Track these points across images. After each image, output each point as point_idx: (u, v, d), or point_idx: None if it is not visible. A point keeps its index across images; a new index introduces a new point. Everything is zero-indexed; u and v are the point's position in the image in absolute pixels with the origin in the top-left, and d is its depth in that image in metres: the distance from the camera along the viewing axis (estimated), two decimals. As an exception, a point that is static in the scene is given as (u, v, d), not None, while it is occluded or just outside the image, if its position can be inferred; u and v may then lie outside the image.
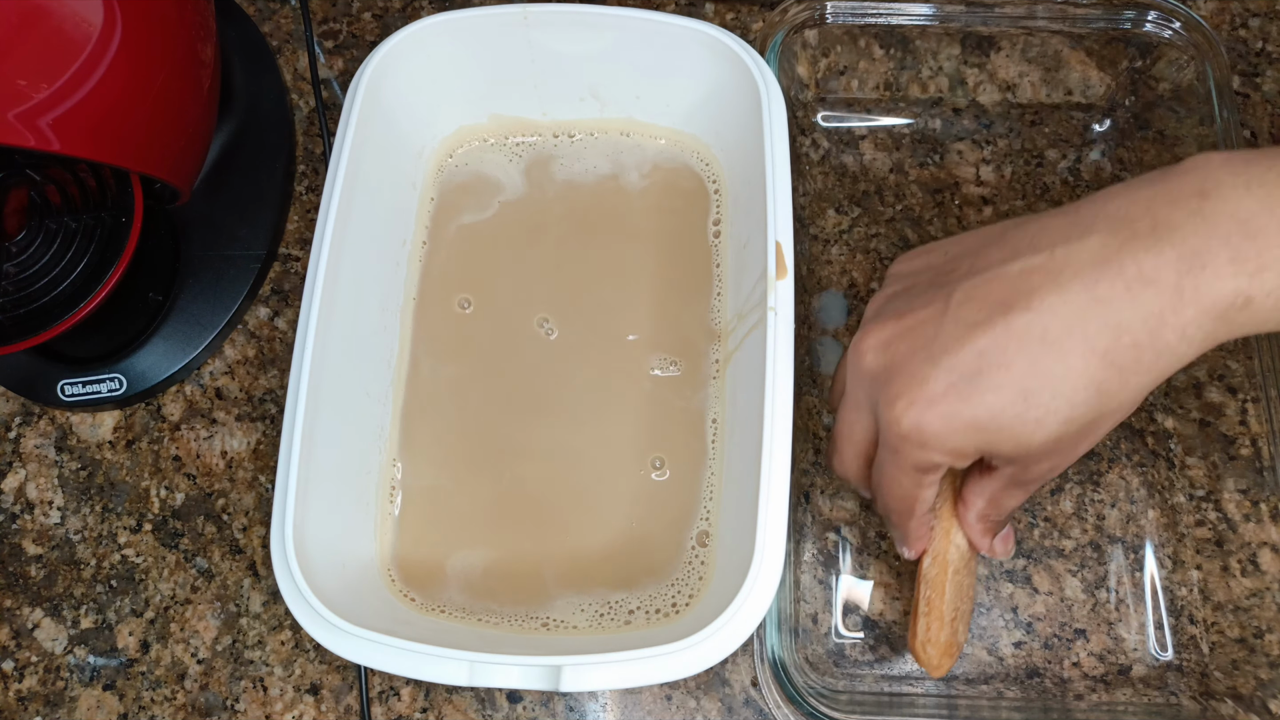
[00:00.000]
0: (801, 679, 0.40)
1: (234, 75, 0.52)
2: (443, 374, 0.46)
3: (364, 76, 0.43)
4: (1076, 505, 0.45)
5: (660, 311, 0.46)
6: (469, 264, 0.48)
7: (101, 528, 0.47)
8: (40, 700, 0.45)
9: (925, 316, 0.31)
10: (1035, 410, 0.29)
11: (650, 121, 0.49)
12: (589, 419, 0.45)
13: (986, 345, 0.29)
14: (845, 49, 0.51)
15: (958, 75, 0.52)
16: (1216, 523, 0.45)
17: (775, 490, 0.36)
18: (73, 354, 0.48)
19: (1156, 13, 0.48)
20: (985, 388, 0.29)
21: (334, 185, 0.41)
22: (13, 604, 0.46)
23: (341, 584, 0.39)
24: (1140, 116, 0.51)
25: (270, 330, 0.50)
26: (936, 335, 0.30)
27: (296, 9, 0.55)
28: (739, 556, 0.37)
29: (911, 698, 0.42)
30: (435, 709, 0.44)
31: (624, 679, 0.35)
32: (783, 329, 0.38)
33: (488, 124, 0.49)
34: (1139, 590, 0.44)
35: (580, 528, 0.43)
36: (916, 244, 0.50)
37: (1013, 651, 0.44)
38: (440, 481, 0.44)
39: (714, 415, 0.44)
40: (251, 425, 0.49)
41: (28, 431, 0.49)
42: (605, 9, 0.44)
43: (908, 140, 0.52)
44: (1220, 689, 0.42)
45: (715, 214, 0.48)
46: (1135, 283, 0.27)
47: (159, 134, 0.43)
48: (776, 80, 0.43)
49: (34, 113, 0.37)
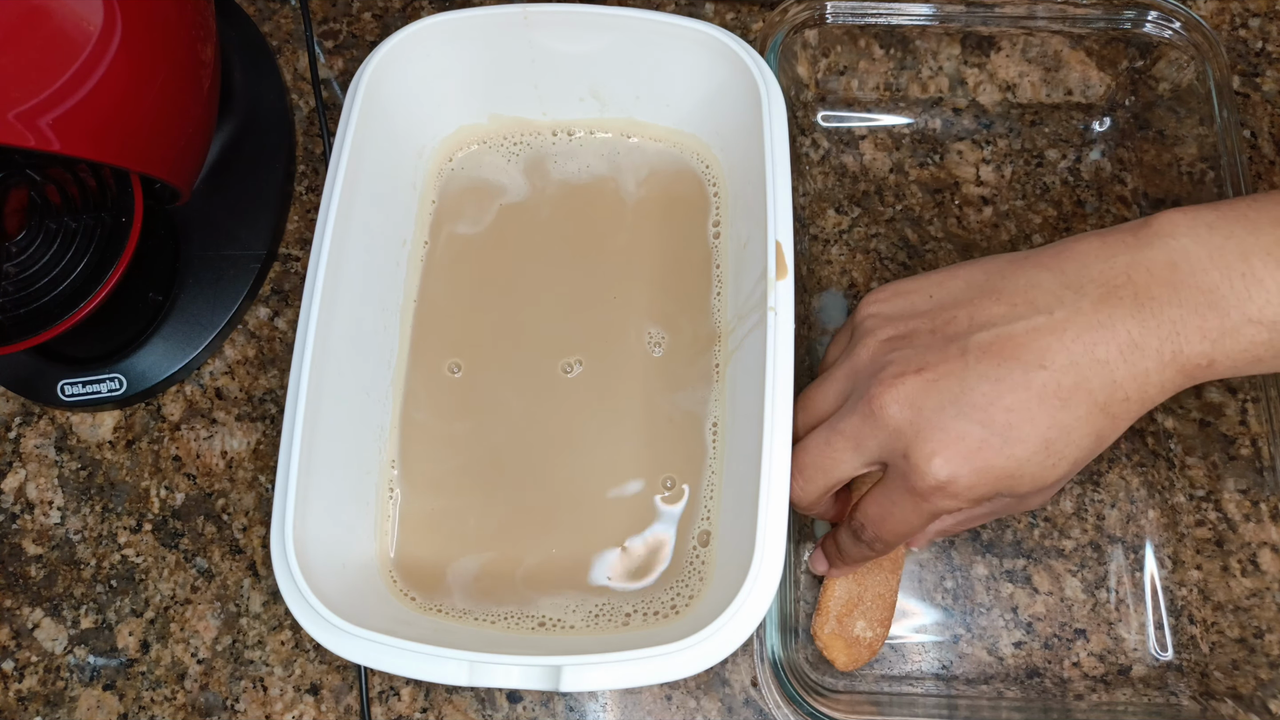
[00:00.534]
0: (801, 679, 0.40)
1: (234, 75, 0.52)
2: (443, 373, 0.46)
3: (364, 76, 0.43)
4: (1076, 505, 0.45)
5: (660, 311, 0.46)
6: (468, 264, 0.48)
7: (101, 528, 0.47)
8: (40, 700, 0.45)
9: (947, 372, 0.33)
10: (1053, 458, 0.33)
11: (650, 121, 0.49)
12: (589, 418, 0.45)
13: (1013, 402, 0.32)
14: (845, 49, 0.51)
15: (958, 75, 0.52)
16: (1216, 523, 0.45)
17: (775, 490, 0.36)
18: (73, 354, 0.48)
19: (1156, 13, 0.48)
20: (1014, 440, 0.33)
21: (334, 185, 0.41)
22: (13, 604, 0.46)
23: (341, 584, 0.39)
24: (1140, 116, 0.51)
25: (270, 330, 0.50)
26: (964, 392, 0.33)
27: (296, 9, 0.55)
28: (739, 556, 0.37)
29: (911, 698, 0.42)
30: (435, 709, 0.44)
31: (624, 679, 0.35)
32: (783, 329, 0.38)
33: (487, 124, 0.49)
34: (1139, 590, 0.44)
35: (581, 527, 0.43)
36: (916, 244, 0.50)
37: (1013, 651, 0.44)
38: (440, 482, 0.44)
39: (714, 415, 0.44)
40: (251, 425, 0.49)
41: (28, 431, 0.49)
42: (605, 9, 0.44)
43: (908, 140, 0.52)
44: (1220, 689, 0.42)
45: (715, 214, 0.48)
46: (1127, 348, 0.32)
47: (159, 134, 0.43)
48: (776, 80, 0.43)
49: (34, 113, 0.37)
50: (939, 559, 0.45)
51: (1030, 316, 0.33)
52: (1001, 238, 0.50)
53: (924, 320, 0.35)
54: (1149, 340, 0.32)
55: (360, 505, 0.42)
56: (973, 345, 0.33)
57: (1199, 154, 0.47)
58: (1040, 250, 0.35)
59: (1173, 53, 0.49)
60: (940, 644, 0.44)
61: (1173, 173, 0.49)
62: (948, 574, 0.45)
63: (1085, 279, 0.33)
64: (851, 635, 0.41)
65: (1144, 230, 0.33)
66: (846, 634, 0.41)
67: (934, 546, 0.45)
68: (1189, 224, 0.33)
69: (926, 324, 0.35)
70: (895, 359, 0.35)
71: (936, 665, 0.44)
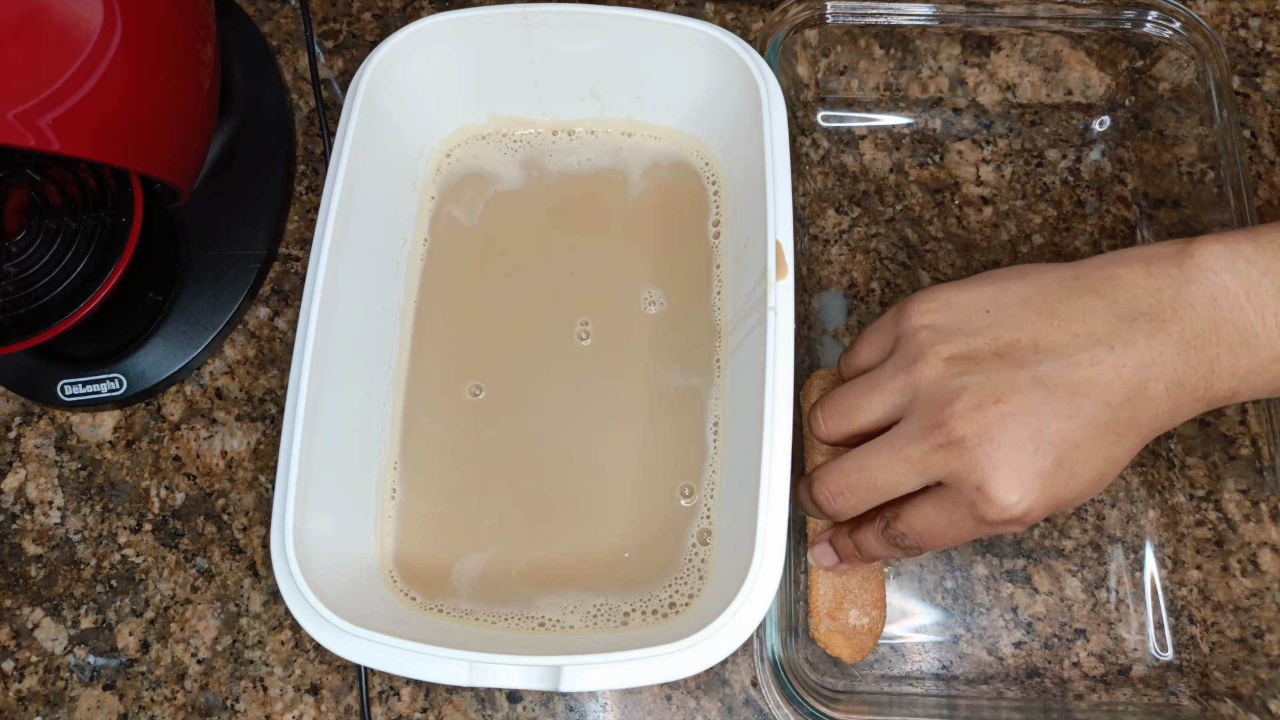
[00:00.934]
0: (801, 679, 0.40)
1: (234, 75, 0.52)
2: (443, 374, 0.46)
3: (364, 76, 0.43)
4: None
5: (660, 312, 0.46)
6: (468, 264, 0.48)
7: (101, 528, 0.47)
8: (40, 700, 0.45)
9: (1023, 404, 0.34)
10: (1100, 485, 0.35)
11: (650, 121, 0.49)
12: (589, 418, 0.45)
13: (1082, 439, 0.34)
14: (845, 49, 0.51)
15: (958, 75, 0.52)
16: (1216, 523, 0.45)
17: (775, 490, 0.36)
18: (73, 354, 0.48)
19: (1156, 13, 0.48)
20: (1079, 474, 0.34)
21: (334, 185, 0.41)
22: (13, 604, 0.46)
23: (341, 584, 0.39)
24: (1140, 116, 0.51)
25: (270, 330, 0.50)
26: (1040, 428, 0.34)
27: (296, 9, 0.55)
28: (739, 556, 0.37)
29: (911, 698, 0.42)
30: (435, 709, 0.44)
31: (624, 679, 0.35)
32: (783, 329, 0.38)
33: (487, 124, 0.49)
34: (1139, 590, 0.44)
35: (581, 527, 0.43)
36: (916, 244, 0.50)
37: (1013, 651, 0.44)
38: (441, 482, 0.44)
39: (714, 414, 0.44)
40: (251, 425, 0.49)
41: (28, 431, 0.49)
42: (605, 9, 0.44)
43: (908, 140, 0.52)
44: (1220, 689, 0.42)
45: (715, 214, 0.48)
46: (1173, 386, 0.34)
47: (159, 134, 0.43)
48: (776, 80, 0.43)
49: (34, 113, 0.37)
50: (939, 559, 0.45)
51: (1091, 348, 0.34)
52: (1001, 238, 0.50)
53: (984, 341, 0.35)
54: (1190, 378, 0.34)
55: (360, 505, 0.42)
56: (1043, 376, 0.34)
57: (1199, 154, 0.47)
58: (1084, 268, 0.36)
59: (1173, 53, 0.49)
60: (940, 644, 0.44)
61: (1173, 173, 0.49)
62: (948, 574, 0.45)
63: (1136, 311, 0.34)
64: (848, 626, 0.41)
65: (1186, 262, 0.35)
66: (843, 627, 0.41)
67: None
68: (1229, 258, 0.34)
69: (988, 345, 0.35)
70: (968, 385, 0.34)
71: (936, 665, 0.44)
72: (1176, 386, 0.34)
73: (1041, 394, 0.34)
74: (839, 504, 0.37)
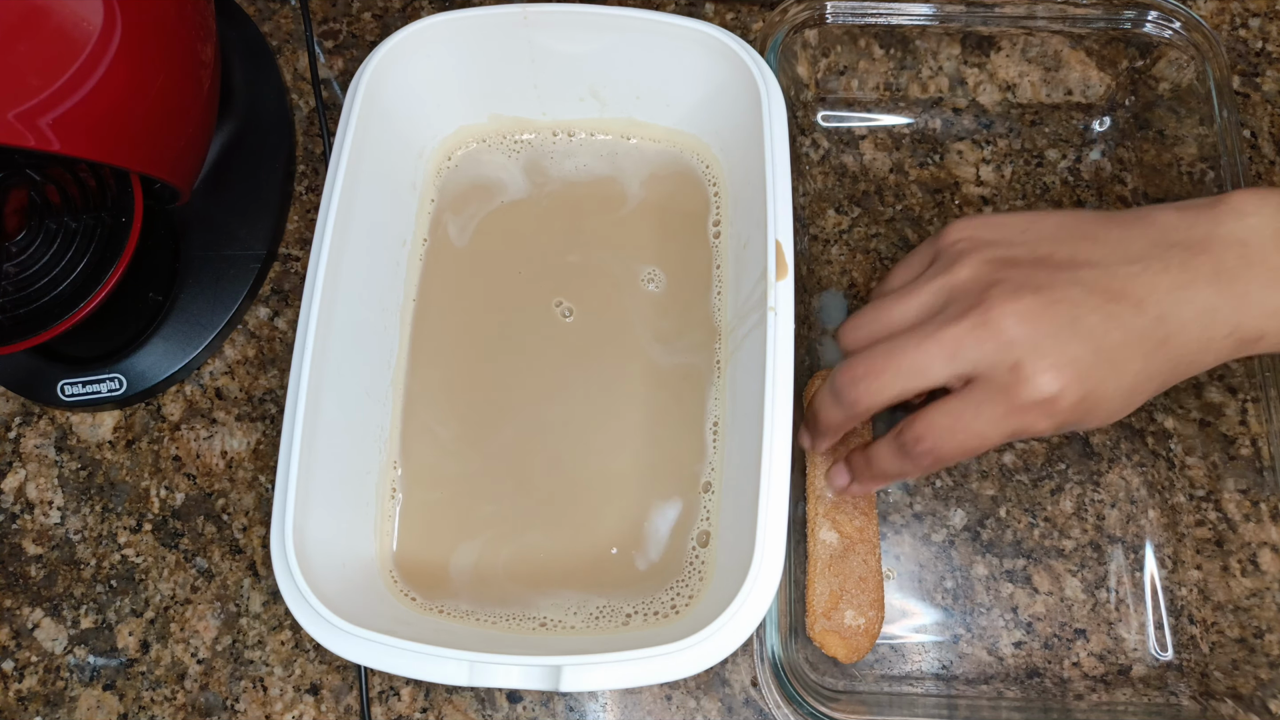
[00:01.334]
0: (801, 679, 0.40)
1: (234, 75, 0.52)
2: (443, 374, 0.46)
3: (364, 76, 0.43)
4: (1076, 505, 0.45)
5: (660, 312, 0.46)
6: (468, 264, 0.48)
7: (101, 528, 0.47)
8: (40, 700, 0.45)
9: (1063, 297, 0.34)
10: (1132, 398, 0.35)
11: (650, 121, 0.49)
12: (589, 419, 0.45)
13: (1120, 339, 0.34)
14: (845, 49, 0.51)
15: (958, 75, 0.52)
16: (1216, 523, 0.45)
17: (775, 490, 0.36)
18: (73, 354, 0.48)
19: (1156, 13, 0.48)
20: (1116, 373, 0.34)
21: (334, 185, 0.41)
22: (13, 604, 0.46)
23: (341, 584, 0.39)
24: (1140, 116, 0.51)
25: (270, 330, 0.50)
26: (1079, 318, 0.34)
27: (296, 9, 0.55)
28: (739, 556, 0.37)
29: (911, 698, 0.42)
30: (435, 709, 0.44)
31: (624, 679, 0.35)
32: (783, 329, 0.38)
33: (487, 124, 0.49)
34: (1139, 590, 0.44)
35: (581, 527, 0.43)
36: (916, 244, 0.50)
37: (1013, 651, 0.44)
38: (440, 482, 0.44)
39: (714, 414, 0.44)
40: (251, 425, 0.49)
41: (28, 431, 0.49)
42: (605, 9, 0.44)
43: (908, 140, 0.52)
44: (1220, 689, 0.42)
45: (715, 214, 0.48)
46: (1203, 313, 0.34)
47: (159, 134, 0.43)
48: (776, 80, 0.43)
49: (34, 113, 0.37)
50: (939, 559, 0.45)
51: (1128, 264, 0.35)
52: (1001, 238, 0.50)
53: (1023, 250, 0.36)
54: (1220, 309, 0.34)
55: (360, 505, 0.42)
56: (1082, 279, 0.34)
57: (1199, 154, 0.47)
58: (1117, 212, 0.37)
59: (1173, 53, 0.49)
60: (940, 644, 0.44)
61: (1173, 173, 0.49)
62: (948, 574, 0.45)
63: (1170, 241, 0.35)
64: (844, 626, 0.42)
65: (1219, 206, 0.35)
66: (838, 627, 0.42)
67: (934, 547, 0.45)
68: (1259, 204, 0.35)
69: (1027, 253, 0.36)
70: (1009, 277, 0.35)
71: (936, 665, 0.44)
72: (1208, 313, 0.34)
73: (1081, 291, 0.34)
74: (859, 388, 0.36)
